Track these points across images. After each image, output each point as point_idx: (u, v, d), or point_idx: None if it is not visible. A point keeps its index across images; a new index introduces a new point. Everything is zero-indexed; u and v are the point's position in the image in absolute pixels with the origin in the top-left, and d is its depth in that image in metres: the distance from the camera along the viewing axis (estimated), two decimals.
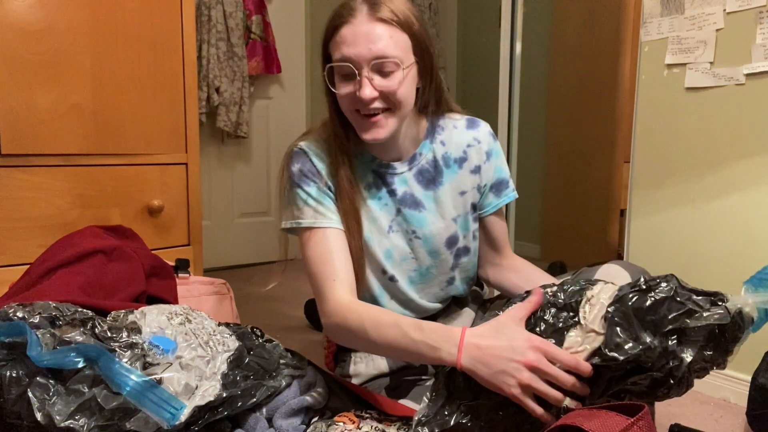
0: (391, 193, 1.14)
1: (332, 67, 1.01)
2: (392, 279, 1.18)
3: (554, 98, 3.19)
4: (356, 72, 0.97)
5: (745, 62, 1.43)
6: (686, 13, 1.54)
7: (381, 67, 0.97)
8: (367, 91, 0.97)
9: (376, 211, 1.14)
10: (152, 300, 1.20)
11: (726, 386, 1.51)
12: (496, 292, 1.37)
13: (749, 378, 1.31)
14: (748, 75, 1.43)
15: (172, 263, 1.41)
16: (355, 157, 1.13)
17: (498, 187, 1.20)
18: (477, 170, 1.17)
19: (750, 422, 1.29)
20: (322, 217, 1.08)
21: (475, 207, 1.20)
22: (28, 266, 1.20)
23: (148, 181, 1.52)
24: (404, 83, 1.00)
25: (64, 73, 1.38)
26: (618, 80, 2.85)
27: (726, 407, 1.47)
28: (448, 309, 1.30)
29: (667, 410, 1.41)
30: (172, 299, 1.26)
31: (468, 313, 1.30)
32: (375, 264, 1.16)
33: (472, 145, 1.17)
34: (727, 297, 0.84)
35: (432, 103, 1.13)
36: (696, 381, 1.43)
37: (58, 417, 0.73)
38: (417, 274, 1.19)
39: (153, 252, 1.37)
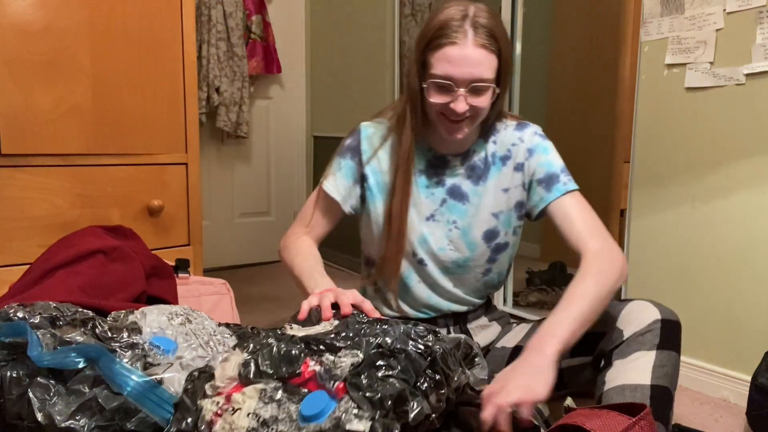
0: (440, 183, 1.23)
1: (432, 82, 1.10)
2: (421, 262, 1.24)
3: (554, 98, 3.18)
4: (455, 89, 1.08)
5: (745, 62, 1.43)
6: (686, 13, 1.54)
7: (476, 89, 1.09)
8: (461, 107, 1.09)
9: (421, 198, 1.23)
10: (152, 300, 1.20)
11: (726, 386, 1.51)
12: (502, 302, 1.39)
13: (749, 378, 1.31)
14: (748, 75, 1.43)
15: (172, 263, 1.41)
16: (414, 143, 1.22)
17: (548, 181, 1.22)
18: (520, 167, 1.24)
19: (750, 422, 1.29)
20: (334, 186, 1.25)
21: (521, 204, 1.25)
22: (28, 266, 1.20)
23: (148, 181, 1.52)
24: (489, 100, 1.12)
25: (64, 73, 1.38)
26: (618, 80, 2.85)
27: (726, 407, 1.47)
28: (476, 316, 1.32)
29: None
30: (172, 299, 1.26)
31: (495, 329, 1.34)
32: (406, 246, 1.22)
33: (516, 143, 1.24)
34: None
35: (496, 108, 1.23)
36: (696, 381, 1.45)
37: (58, 417, 0.73)
38: (454, 264, 1.24)
39: (153, 252, 1.37)
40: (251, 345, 0.81)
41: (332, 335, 0.81)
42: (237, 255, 3.07)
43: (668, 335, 1.07)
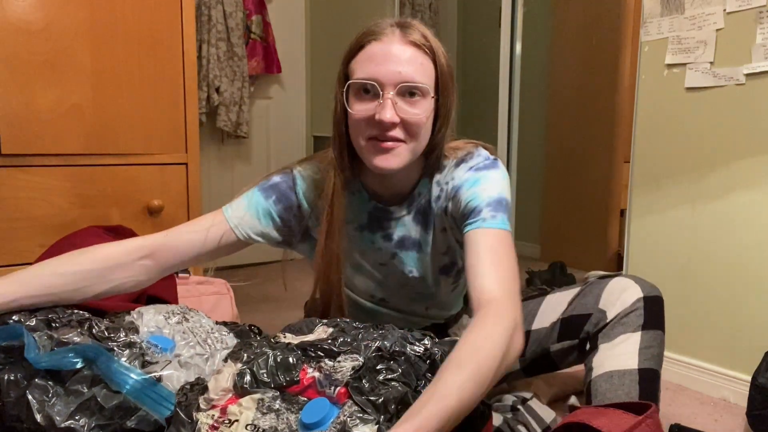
0: (387, 237, 1.08)
1: (350, 85, 0.93)
2: (383, 300, 1.17)
3: (554, 98, 3.18)
4: (380, 92, 0.90)
5: (745, 62, 1.43)
6: (686, 13, 1.54)
7: (407, 92, 0.91)
8: (389, 114, 0.89)
9: (367, 254, 1.11)
10: (152, 300, 1.20)
11: (726, 386, 1.51)
12: None
13: (749, 378, 1.31)
14: (748, 75, 1.43)
15: None
16: (352, 194, 1.06)
17: (469, 215, 0.97)
18: (446, 210, 1.05)
19: (750, 422, 1.29)
20: (239, 219, 1.03)
21: (459, 242, 1.08)
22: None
23: (148, 181, 1.52)
24: (426, 114, 0.93)
25: (64, 73, 1.38)
26: (618, 80, 2.85)
27: (726, 407, 1.47)
28: (457, 319, 1.31)
29: (667, 410, 1.41)
30: (172, 299, 1.26)
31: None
32: (362, 294, 1.16)
33: (447, 183, 1.05)
34: None
35: (440, 140, 1.02)
36: (696, 381, 1.45)
37: (57, 418, 0.73)
38: (419, 296, 1.17)
39: None
40: (245, 355, 0.79)
41: (329, 341, 0.80)
42: (237, 255, 3.05)
43: (652, 313, 1.04)
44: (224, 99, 2.85)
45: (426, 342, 0.79)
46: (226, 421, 0.72)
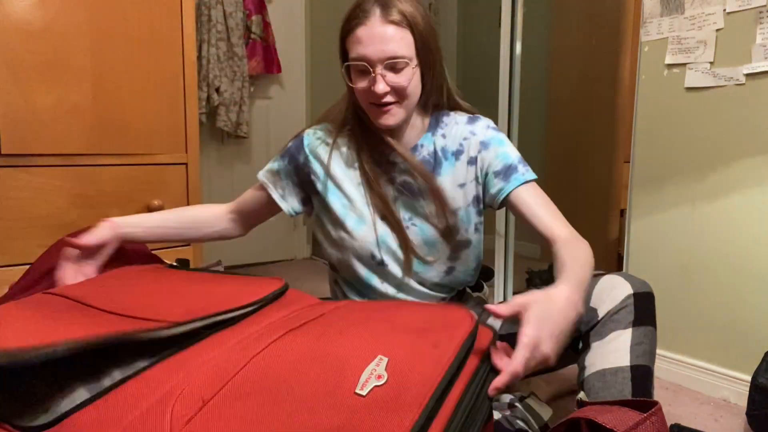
0: (390, 180, 1.20)
1: (348, 66, 1.11)
2: (381, 263, 1.20)
3: (554, 98, 3.19)
4: (371, 69, 1.08)
5: (745, 62, 1.43)
6: (686, 13, 1.54)
7: (392, 66, 1.08)
8: (381, 87, 1.08)
9: (367, 196, 1.20)
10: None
11: (726, 386, 1.51)
12: (498, 294, 1.37)
13: (749, 378, 1.31)
14: (748, 75, 1.43)
15: (172, 263, 1.41)
16: (352, 147, 1.21)
17: (504, 172, 1.17)
18: (473, 161, 1.19)
19: (750, 422, 1.29)
20: (272, 184, 1.26)
21: (478, 199, 1.21)
22: (28, 266, 1.20)
23: (148, 181, 1.52)
24: (413, 79, 1.10)
25: (64, 73, 1.38)
26: (618, 80, 2.85)
27: (726, 407, 1.47)
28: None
29: (667, 410, 1.42)
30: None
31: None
32: (364, 251, 1.19)
33: (467, 137, 1.20)
34: None
35: (436, 97, 1.21)
36: (696, 381, 1.46)
37: None
38: (414, 261, 1.21)
39: (153, 252, 1.37)
40: None
41: None
42: (237, 255, 3.07)
43: (642, 310, 1.05)
44: (224, 99, 2.85)
45: None
46: None
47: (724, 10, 1.45)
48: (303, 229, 3.31)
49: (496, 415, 1.13)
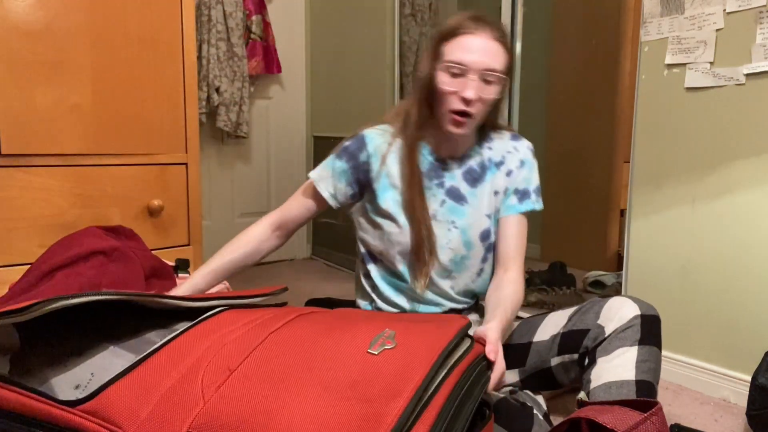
0: (440, 185, 1.28)
1: (447, 65, 1.16)
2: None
3: (554, 98, 3.18)
4: (467, 75, 1.14)
5: (745, 62, 1.43)
6: (686, 13, 1.54)
7: (487, 77, 1.15)
8: (470, 92, 1.14)
9: (423, 198, 1.27)
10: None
11: (726, 386, 1.51)
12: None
13: (749, 378, 1.31)
14: (748, 75, 1.43)
15: (172, 263, 1.41)
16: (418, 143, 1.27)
17: (523, 193, 1.30)
18: (509, 173, 1.30)
19: (750, 422, 1.29)
20: (319, 176, 1.30)
21: (498, 208, 1.31)
22: (28, 266, 1.20)
23: (148, 181, 1.52)
24: (495, 94, 1.18)
25: (64, 73, 1.38)
26: (618, 80, 2.85)
27: (726, 407, 1.47)
28: (468, 313, 1.35)
29: (667, 410, 1.42)
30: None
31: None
32: (409, 246, 1.25)
33: (511, 152, 1.31)
34: None
35: (493, 115, 1.30)
36: (696, 381, 1.47)
37: None
38: (451, 263, 1.27)
39: (153, 252, 1.37)
40: None
41: None
42: None
43: (649, 331, 1.10)
44: (224, 99, 2.84)
45: None
46: None
47: (724, 10, 1.45)
48: (303, 229, 3.31)
49: (499, 394, 1.14)
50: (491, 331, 1.01)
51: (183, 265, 1.42)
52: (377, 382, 0.66)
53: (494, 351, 0.96)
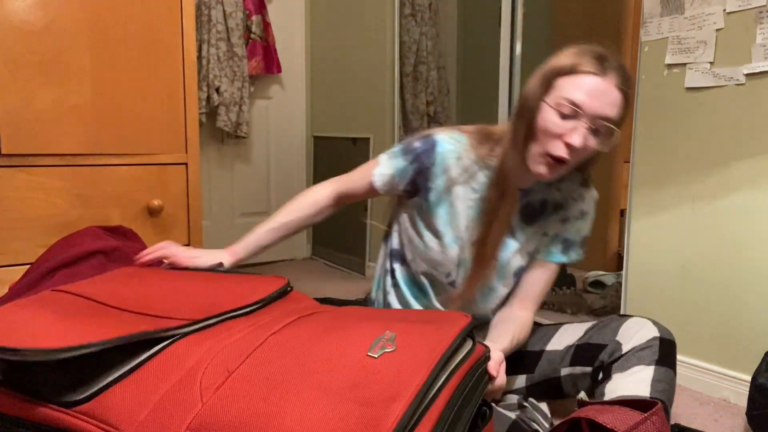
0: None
1: (560, 102, 1.03)
2: (452, 284, 1.23)
3: None
4: (580, 119, 1.02)
5: (745, 62, 1.43)
6: (686, 13, 1.54)
7: (599, 126, 1.03)
8: (578, 139, 1.02)
9: (473, 221, 1.19)
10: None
11: (726, 386, 1.51)
12: None
13: (749, 378, 1.31)
14: (748, 75, 1.43)
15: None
16: (488, 168, 1.18)
17: (570, 244, 1.23)
18: (565, 221, 1.23)
19: (750, 422, 1.29)
20: (380, 172, 1.23)
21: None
22: (28, 266, 1.20)
23: (148, 181, 1.52)
24: (599, 146, 1.06)
25: (64, 73, 1.38)
26: None
27: (726, 407, 1.47)
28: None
29: None
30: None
31: None
32: (443, 266, 1.21)
33: (576, 199, 1.23)
34: None
35: (587, 165, 1.20)
36: (696, 381, 1.47)
37: None
38: (478, 292, 1.24)
39: None
40: None
41: None
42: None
43: (666, 353, 1.11)
44: (224, 99, 2.84)
45: None
46: None
47: (724, 10, 1.45)
48: None
49: (511, 415, 1.14)
50: (496, 350, 0.99)
51: None
52: (376, 386, 0.65)
53: (495, 368, 0.93)
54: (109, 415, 0.68)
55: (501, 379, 0.97)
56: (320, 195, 1.26)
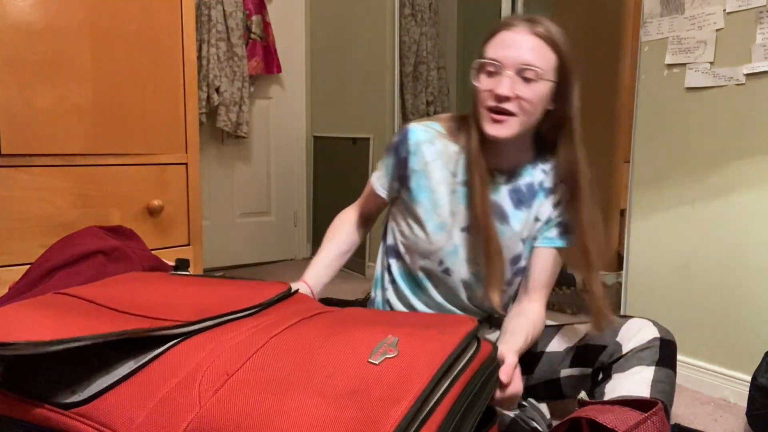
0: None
1: (481, 63, 1.10)
2: (446, 272, 1.22)
3: None
4: (501, 71, 1.07)
5: (745, 62, 1.43)
6: (686, 13, 1.54)
7: (523, 73, 1.06)
8: (503, 89, 1.05)
9: (461, 208, 1.20)
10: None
11: (726, 386, 1.51)
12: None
13: (749, 378, 1.31)
14: (748, 75, 1.43)
15: (172, 263, 1.41)
16: (460, 154, 1.20)
17: (565, 227, 1.22)
18: (558, 205, 1.22)
19: (750, 422, 1.29)
20: (377, 179, 1.29)
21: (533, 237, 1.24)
22: (28, 266, 1.20)
23: (148, 181, 1.52)
24: (537, 95, 1.08)
25: (64, 73, 1.38)
26: (618, 80, 2.85)
27: (726, 407, 1.47)
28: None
29: None
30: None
31: (495, 335, 1.33)
32: (434, 254, 1.21)
33: (564, 181, 1.21)
34: None
35: (555, 132, 1.17)
36: (696, 381, 1.47)
37: None
38: (474, 277, 1.23)
39: (153, 252, 1.37)
40: None
41: None
42: (237, 255, 3.07)
43: (666, 354, 1.11)
44: (224, 99, 2.84)
45: None
46: None
47: (724, 10, 1.45)
48: (303, 229, 3.31)
49: (510, 414, 1.15)
50: (510, 353, 0.99)
51: (183, 265, 1.42)
52: (376, 391, 0.65)
53: (508, 374, 0.93)
54: (107, 418, 0.68)
55: (515, 386, 0.95)
56: (349, 227, 1.34)
